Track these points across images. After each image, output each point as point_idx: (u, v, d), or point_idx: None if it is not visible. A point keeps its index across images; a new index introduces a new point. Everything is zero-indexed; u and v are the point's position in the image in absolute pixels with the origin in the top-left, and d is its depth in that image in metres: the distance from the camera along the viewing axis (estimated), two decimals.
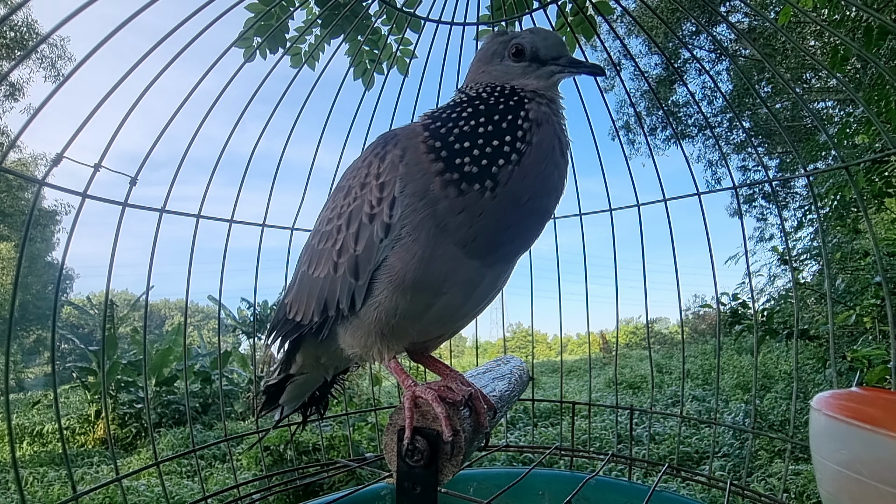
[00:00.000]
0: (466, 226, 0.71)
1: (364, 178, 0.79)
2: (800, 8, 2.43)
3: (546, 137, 0.75)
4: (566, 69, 0.81)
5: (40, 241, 16.93)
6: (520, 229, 0.76)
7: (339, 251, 0.80)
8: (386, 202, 0.74)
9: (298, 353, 1.00)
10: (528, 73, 0.81)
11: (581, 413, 5.07)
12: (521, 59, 0.82)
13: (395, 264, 0.74)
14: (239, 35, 1.43)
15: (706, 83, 10.85)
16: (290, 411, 1.19)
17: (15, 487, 1.04)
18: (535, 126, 0.74)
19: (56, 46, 13.63)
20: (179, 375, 9.32)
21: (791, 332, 3.30)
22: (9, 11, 1.00)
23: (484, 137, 0.72)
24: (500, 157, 0.71)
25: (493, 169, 0.71)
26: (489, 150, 0.71)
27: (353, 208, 0.79)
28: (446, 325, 0.87)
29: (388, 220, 0.74)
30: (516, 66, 0.82)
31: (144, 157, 1.20)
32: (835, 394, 0.78)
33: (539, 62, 0.82)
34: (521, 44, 0.82)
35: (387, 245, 0.74)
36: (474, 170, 0.71)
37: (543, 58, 0.82)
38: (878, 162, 3.11)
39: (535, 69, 0.81)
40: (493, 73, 0.84)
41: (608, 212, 1.68)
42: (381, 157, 0.77)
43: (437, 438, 0.75)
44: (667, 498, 1.40)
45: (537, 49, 0.82)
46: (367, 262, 0.77)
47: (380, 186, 0.76)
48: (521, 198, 0.72)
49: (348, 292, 0.79)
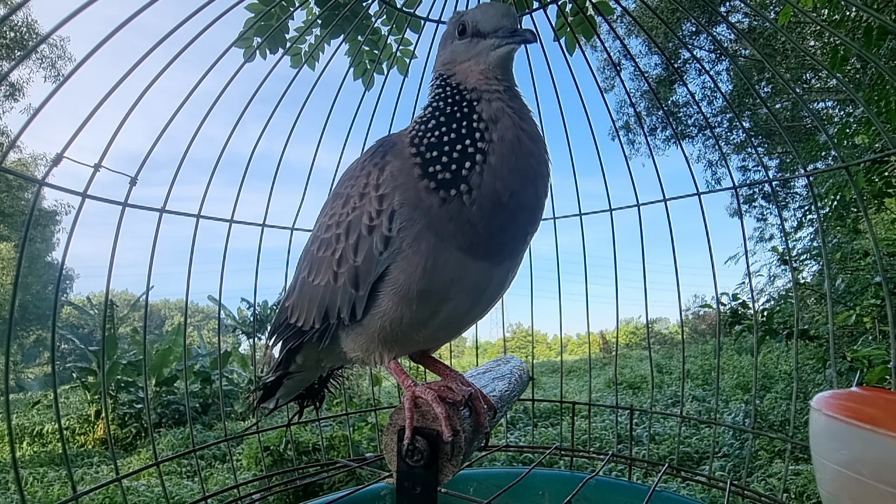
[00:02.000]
0: (460, 232, 0.71)
1: (363, 189, 0.78)
2: (800, 8, 2.43)
3: (507, 131, 0.73)
4: (504, 41, 0.76)
5: (40, 242, 16.93)
6: (513, 228, 0.75)
7: (338, 261, 0.80)
8: (385, 215, 0.73)
9: (299, 354, 1.00)
10: (469, 50, 0.79)
11: (581, 413, 5.07)
12: (464, 36, 0.80)
13: (398, 277, 0.74)
14: (239, 35, 1.43)
15: (706, 83, 10.86)
16: (284, 402, 1.18)
17: (15, 487, 1.04)
18: (490, 124, 0.73)
19: (56, 46, 13.64)
20: (179, 375, 9.31)
21: (791, 332, 3.30)
22: (9, 11, 1.00)
23: (449, 144, 0.72)
24: (465, 160, 0.71)
25: (463, 172, 0.70)
26: (455, 155, 0.71)
27: (352, 218, 0.78)
28: (453, 331, 0.87)
29: (388, 232, 0.73)
30: (460, 45, 0.80)
31: (144, 157, 1.20)
32: (835, 394, 0.78)
33: (480, 36, 0.79)
34: (464, 20, 0.81)
35: (387, 258, 0.74)
36: (447, 176, 0.71)
37: (483, 31, 0.79)
38: (878, 162, 3.11)
39: (475, 44, 0.79)
40: (444, 57, 0.83)
41: (608, 212, 1.67)
42: (380, 168, 0.76)
43: (437, 438, 0.75)
44: (667, 498, 1.40)
45: (477, 23, 0.79)
46: (368, 274, 0.76)
47: (379, 199, 0.75)
48: (501, 197, 0.71)
49: (349, 302, 0.79)
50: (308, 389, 1.19)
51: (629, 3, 3.00)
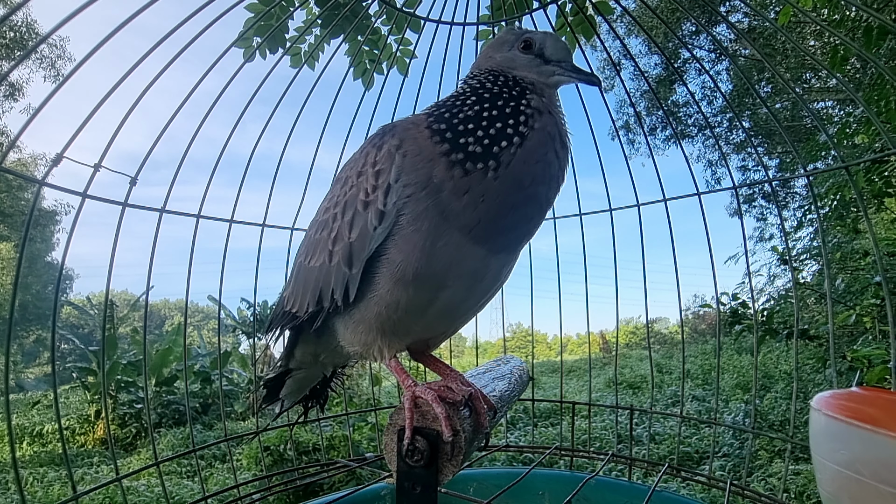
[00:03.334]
0: (471, 207, 0.72)
1: (361, 168, 0.79)
2: (800, 8, 2.43)
3: (547, 125, 0.77)
4: (566, 73, 0.84)
5: (40, 242, 16.93)
6: (521, 215, 0.76)
7: (334, 239, 0.81)
8: (381, 189, 0.75)
9: (297, 348, 1.00)
10: (531, 66, 0.85)
11: (581, 413, 5.07)
12: (528, 51, 0.86)
13: (395, 257, 0.74)
14: (239, 35, 1.43)
15: (706, 83, 10.85)
16: (290, 405, 1.19)
17: (15, 487, 1.04)
18: (536, 113, 0.77)
19: (56, 47, 13.65)
20: (179, 375, 9.32)
21: (791, 331, 3.30)
22: (9, 11, 1.00)
23: (488, 120, 0.75)
24: (503, 138, 0.73)
25: (496, 149, 0.73)
26: (493, 131, 0.74)
27: (348, 197, 0.80)
28: (450, 321, 0.87)
29: (383, 207, 0.74)
30: (523, 57, 0.86)
31: (144, 158, 1.20)
32: (835, 394, 0.78)
33: (544, 60, 0.85)
34: (531, 38, 0.87)
35: (381, 233, 0.74)
36: (478, 150, 0.72)
37: (549, 57, 0.85)
38: (878, 162, 3.11)
39: (538, 64, 0.85)
40: (498, 59, 0.87)
41: (608, 212, 1.67)
42: (378, 147, 0.78)
43: (437, 438, 0.75)
44: (667, 498, 1.40)
45: (544, 47, 0.86)
46: (361, 251, 0.76)
47: (375, 174, 0.76)
48: (524, 181, 0.74)
49: (342, 282, 0.79)
50: (312, 391, 1.19)
51: (629, 2, 3.00)
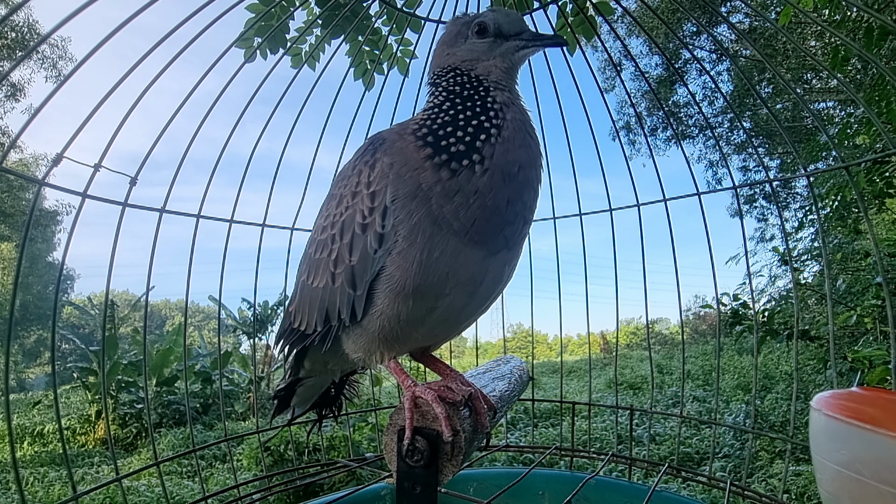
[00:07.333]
0: (464, 208, 0.72)
1: (355, 187, 0.79)
2: (800, 8, 2.42)
3: (516, 115, 0.80)
4: (530, 43, 0.84)
5: (41, 242, 16.95)
6: (518, 205, 0.77)
7: (334, 262, 0.81)
8: (378, 212, 0.75)
9: (306, 359, 1.00)
10: (493, 49, 0.84)
11: (581, 413, 5.07)
12: (485, 36, 0.85)
13: (394, 273, 0.74)
14: (239, 35, 1.43)
15: (707, 83, 10.85)
16: (301, 412, 1.19)
17: (15, 487, 1.04)
18: (503, 107, 0.80)
19: (57, 47, 13.66)
20: (180, 375, 9.33)
21: (791, 332, 3.30)
22: (9, 11, 1.00)
23: (464, 120, 0.77)
24: (481, 133, 0.76)
25: (478, 143, 0.74)
26: (471, 129, 0.76)
27: (345, 218, 0.80)
28: (451, 328, 0.87)
29: (381, 230, 0.74)
30: (481, 43, 0.85)
31: (144, 158, 1.20)
32: (835, 394, 0.78)
33: (503, 37, 0.85)
34: (484, 21, 0.85)
35: (381, 255, 0.75)
36: (461, 148, 0.74)
37: (506, 33, 0.85)
38: (879, 162, 3.11)
39: (499, 44, 0.85)
40: (457, 54, 0.87)
41: (608, 212, 1.67)
42: (370, 166, 0.78)
43: (437, 438, 0.75)
44: (667, 498, 1.40)
45: (500, 25, 0.85)
46: (364, 273, 0.77)
47: (371, 196, 0.76)
48: (512, 169, 0.75)
49: (348, 302, 0.80)
50: (323, 397, 1.18)
51: (629, 3, 3.01)
